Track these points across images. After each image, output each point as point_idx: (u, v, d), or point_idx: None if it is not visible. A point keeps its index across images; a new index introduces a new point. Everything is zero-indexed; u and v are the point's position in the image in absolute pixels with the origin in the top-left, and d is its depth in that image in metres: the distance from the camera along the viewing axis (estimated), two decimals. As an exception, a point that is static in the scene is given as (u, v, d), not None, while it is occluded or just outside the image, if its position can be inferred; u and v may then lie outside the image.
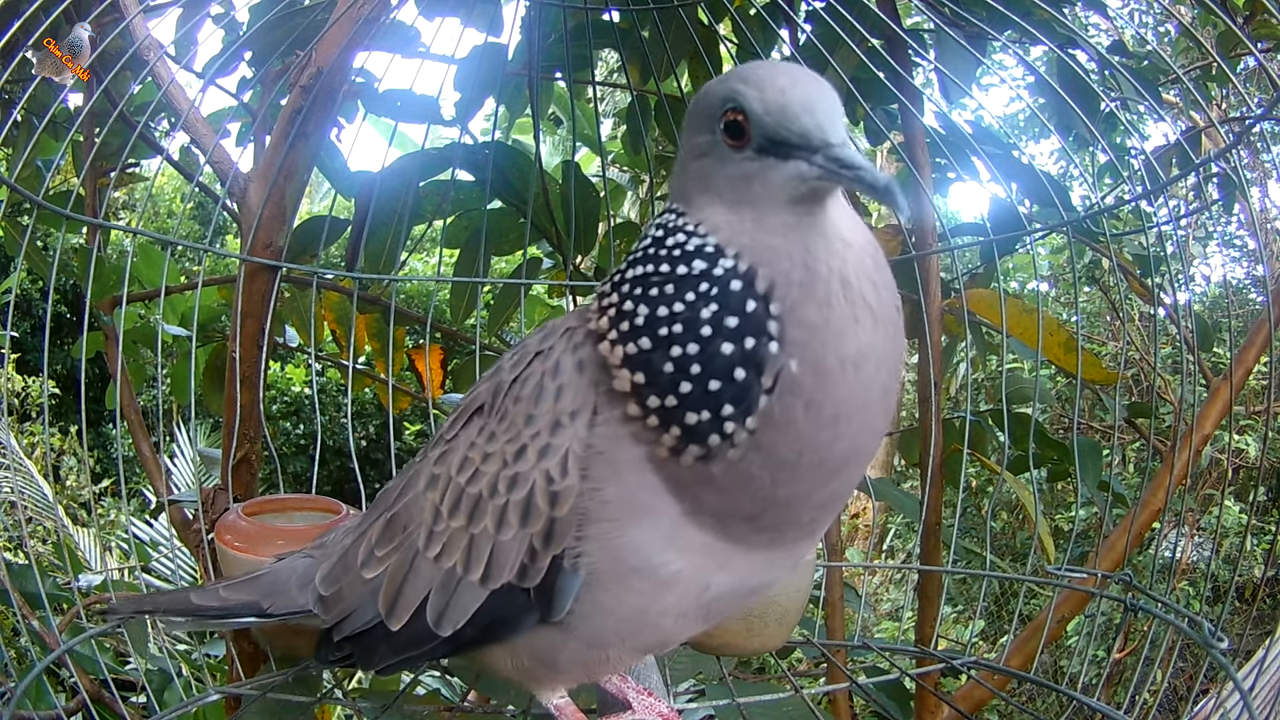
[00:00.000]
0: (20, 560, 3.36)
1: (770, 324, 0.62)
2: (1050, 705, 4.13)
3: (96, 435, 7.11)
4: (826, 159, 0.62)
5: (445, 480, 0.82)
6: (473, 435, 0.82)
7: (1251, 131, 1.39)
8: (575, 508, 0.74)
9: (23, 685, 1.04)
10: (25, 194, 1.15)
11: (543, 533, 0.75)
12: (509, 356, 0.84)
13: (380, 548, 0.85)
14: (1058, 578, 1.37)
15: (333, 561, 0.91)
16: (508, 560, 0.77)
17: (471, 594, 0.79)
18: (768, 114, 0.64)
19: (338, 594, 0.87)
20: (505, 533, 0.77)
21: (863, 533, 6.08)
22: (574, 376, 0.75)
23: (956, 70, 1.59)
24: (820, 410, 0.63)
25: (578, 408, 0.74)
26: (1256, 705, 1.14)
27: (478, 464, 0.80)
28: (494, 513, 0.78)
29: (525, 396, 0.78)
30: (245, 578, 0.97)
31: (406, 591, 0.82)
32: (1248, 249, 6.42)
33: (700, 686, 1.99)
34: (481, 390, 0.84)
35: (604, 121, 3.63)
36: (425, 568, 0.81)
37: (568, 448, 0.74)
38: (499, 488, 0.78)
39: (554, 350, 0.77)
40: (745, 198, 0.66)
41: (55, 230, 1.94)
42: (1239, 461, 5.12)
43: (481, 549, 0.78)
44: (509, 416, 0.79)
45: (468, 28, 2.06)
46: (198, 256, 3.72)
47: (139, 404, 2.20)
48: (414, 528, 0.83)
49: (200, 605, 0.94)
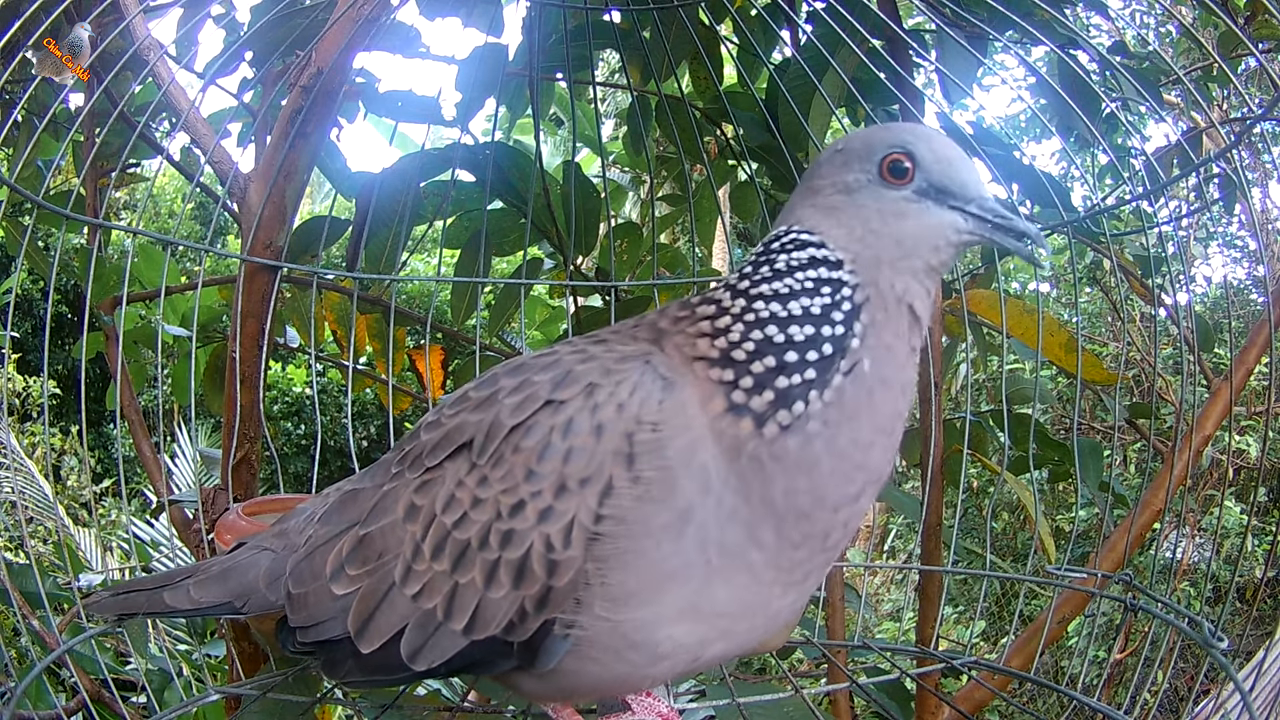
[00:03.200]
0: (20, 560, 3.37)
1: (857, 325, 0.73)
2: (1051, 705, 4.12)
3: (97, 435, 7.11)
4: (981, 208, 0.74)
5: (428, 515, 0.78)
6: (461, 473, 0.77)
7: (1252, 132, 1.39)
8: (576, 580, 0.71)
9: (23, 685, 1.04)
10: (26, 194, 1.15)
11: (537, 598, 0.73)
12: (509, 389, 0.78)
13: (352, 566, 0.81)
14: (1058, 578, 1.37)
15: (299, 558, 0.86)
16: (495, 617, 0.75)
17: (452, 640, 0.77)
18: (936, 162, 0.74)
19: (304, 598, 0.84)
20: (495, 590, 0.74)
21: (863, 533, 6.08)
22: (589, 441, 0.71)
23: (957, 71, 1.59)
24: (875, 414, 0.72)
25: (589, 475, 0.71)
26: (1256, 706, 1.14)
27: (466, 508, 0.76)
28: (483, 566, 0.75)
29: (527, 449, 0.74)
30: (211, 574, 0.92)
31: (379, 620, 0.79)
32: (1248, 249, 6.42)
33: (700, 686, 1.98)
34: (471, 422, 0.79)
35: (605, 122, 3.64)
36: (401, 603, 0.78)
37: (573, 516, 0.71)
38: (490, 541, 0.74)
39: (567, 406, 0.74)
40: (892, 232, 0.74)
41: (56, 230, 1.94)
42: (1240, 462, 5.12)
43: (467, 600, 0.75)
44: (505, 464, 0.75)
45: (468, 28, 2.06)
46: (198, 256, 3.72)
47: (139, 404, 2.20)
48: (390, 558, 0.79)
49: (173, 606, 0.91)
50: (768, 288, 0.75)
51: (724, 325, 0.74)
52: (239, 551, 0.94)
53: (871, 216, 0.75)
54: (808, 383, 0.71)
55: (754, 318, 0.74)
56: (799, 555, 0.74)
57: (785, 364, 0.71)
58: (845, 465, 0.72)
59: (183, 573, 0.95)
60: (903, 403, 0.75)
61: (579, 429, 0.72)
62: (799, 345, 0.72)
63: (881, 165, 0.75)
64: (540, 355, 0.81)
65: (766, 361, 0.72)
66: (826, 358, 0.72)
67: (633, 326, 0.82)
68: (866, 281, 0.74)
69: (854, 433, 0.72)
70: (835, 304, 0.73)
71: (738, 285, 0.77)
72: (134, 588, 0.98)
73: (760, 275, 0.77)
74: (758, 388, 0.71)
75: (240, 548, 0.95)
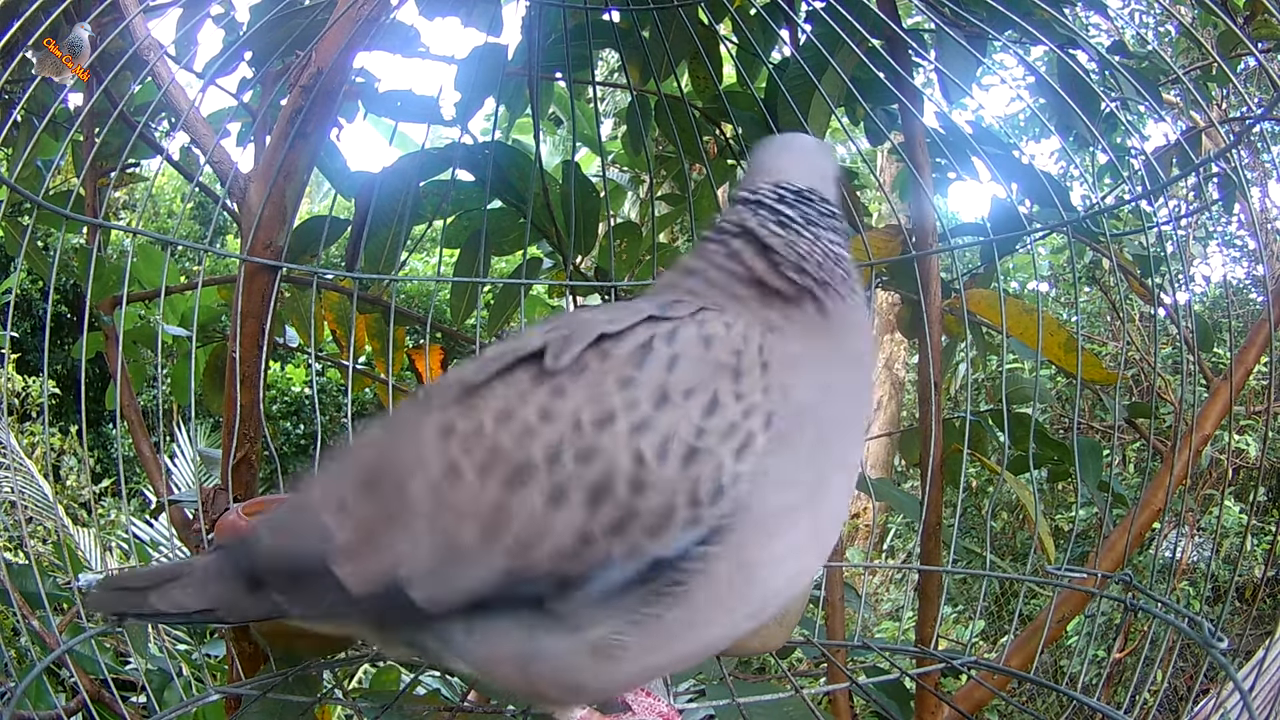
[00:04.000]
0: (20, 560, 3.37)
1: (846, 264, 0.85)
2: (1050, 705, 4.13)
3: (96, 435, 7.11)
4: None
5: (472, 431, 0.69)
6: (523, 384, 0.69)
7: (1251, 131, 1.39)
8: (666, 505, 0.65)
9: (23, 685, 1.04)
10: (25, 194, 1.15)
11: (611, 523, 0.65)
12: (589, 315, 0.73)
13: (351, 491, 0.73)
14: (1058, 578, 1.37)
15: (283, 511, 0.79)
16: (549, 544, 0.66)
17: (487, 566, 0.67)
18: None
19: (279, 534, 0.76)
20: (560, 511, 0.65)
21: (863, 533, 6.08)
22: (698, 349, 0.68)
23: (957, 70, 1.59)
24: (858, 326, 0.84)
25: (693, 386, 0.67)
26: (1256, 705, 1.14)
27: (531, 420, 0.67)
28: (548, 486, 0.66)
29: (621, 356, 0.68)
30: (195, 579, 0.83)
31: (381, 546, 0.69)
32: (1248, 249, 6.42)
33: (700, 686, 1.99)
34: (534, 336, 0.71)
35: (604, 121, 3.64)
36: (421, 525, 0.69)
37: (674, 431, 0.65)
38: (563, 456, 0.66)
39: (672, 320, 0.71)
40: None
41: (55, 230, 1.94)
42: (1239, 462, 5.12)
43: (515, 522, 0.66)
44: (590, 373, 0.68)
45: (468, 28, 2.07)
46: (198, 256, 3.72)
47: (139, 404, 2.20)
48: (409, 479, 0.70)
49: (160, 610, 0.84)
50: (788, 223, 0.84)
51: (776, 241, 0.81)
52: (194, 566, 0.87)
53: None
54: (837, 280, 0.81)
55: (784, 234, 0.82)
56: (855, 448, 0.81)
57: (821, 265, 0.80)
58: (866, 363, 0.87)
59: (171, 571, 0.87)
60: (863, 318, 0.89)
61: (687, 337, 0.69)
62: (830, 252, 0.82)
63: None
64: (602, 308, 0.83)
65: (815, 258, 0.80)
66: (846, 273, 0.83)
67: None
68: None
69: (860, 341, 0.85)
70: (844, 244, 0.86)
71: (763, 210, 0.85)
72: (125, 584, 0.92)
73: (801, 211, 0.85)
74: (808, 276, 0.79)
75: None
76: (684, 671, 1.64)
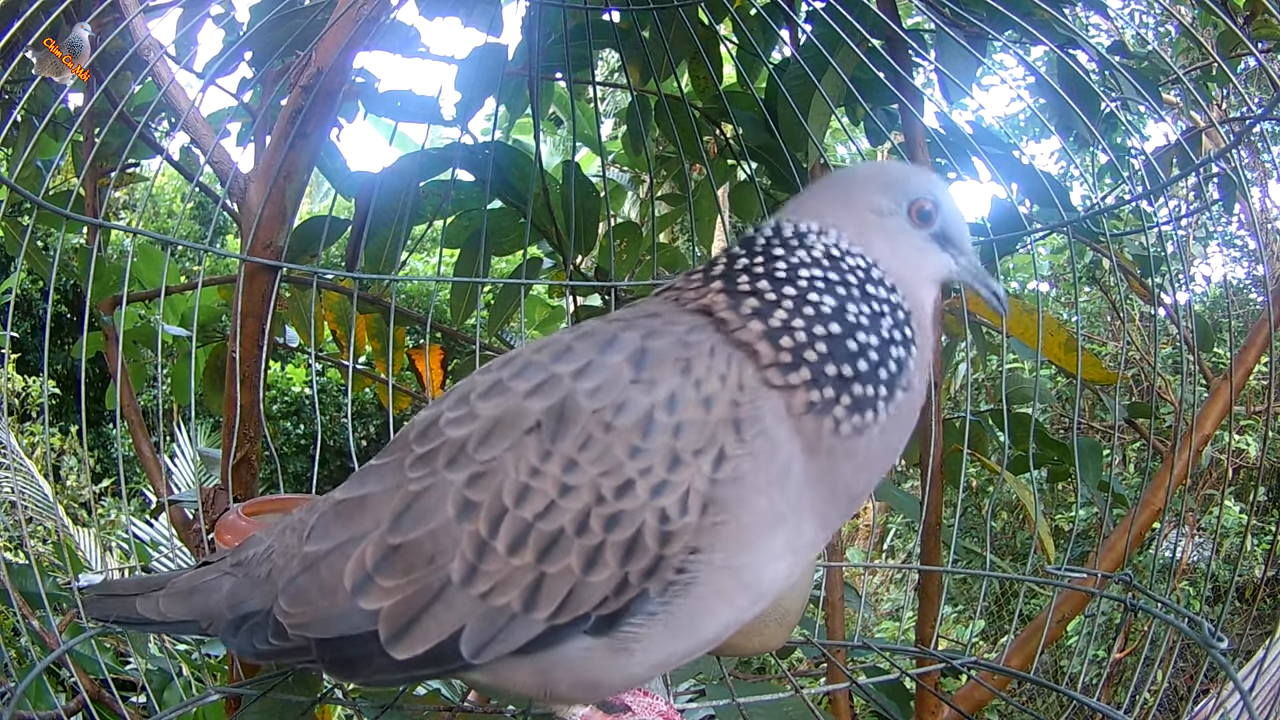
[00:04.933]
0: (20, 560, 3.37)
1: (914, 349, 0.85)
2: (1050, 705, 4.13)
3: (96, 435, 7.11)
4: (969, 262, 0.92)
5: (495, 510, 0.75)
6: (532, 460, 0.75)
7: (1251, 131, 1.39)
8: (688, 544, 0.74)
9: (23, 685, 1.04)
10: (25, 194, 1.15)
11: (643, 570, 0.74)
12: (572, 375, 0.77)
13: (386, 576, 0.77)
14: (1058, 578, 1.37)
15: (293, 574, 0.82)
16: (590, 598, 0.74)
17: (528, 628, 0.75)
18: (951, 216, 0.90)
19: (308, 614, 0.80)
20: (597, 573, 0.74)
21: (863, 533, 6.08)
22: (699, 413, 0.74)
23: (957, 70, 1.59)
24: (910, 417, 0.84)
25: (702, 446, 0.74)
26: (1256, 705, 1.14)
27: (553, 496, 0.74)
28: (582, 552, 0.74)
29: (624, 428, 0.74)
30: (179, 589, 0.89)
31: (427, 624, 0.76)
32: (1248, 249, 6.42)
33: (700, 686, 1.99)
34: (531, 407, 0.77)
35: (604, 121, 3.64)
36: (462, 603, 0.76)
37: (689, 485, 0.73)
38: (590, 525, 0.74)
39: (663, 384, 0.75)
40: (914, 262, 0.89)
41: (55, 230, 1.94)
42: (1239, 461, 5.12)
43: (556, 589, 0.74)
44: (596, 446, 0.74)
45: (468, 28, 2.07)
46: (198, 256, 3.72)
47: (139, 404, 2.20)
48: (443, 560, 0.76)
49: (145, 617, 0.89)
50: (818, 279, 0.82)
51: (784, 321, 0.80)
52: (205, 570, 0.91)
53: (902, 245, 0.88)
54: (879, 396, 0.80)
55: (814, 312, 0.80)
56: (840, 517, 0.86)
57: (860, 373, 0.80)
58: (889, 458, 0.85)
59: (157, 581, 0.92)
60: (922, 400, 0.87)
61: (685, 400, 0.75)
62: (871, 359, 0.80)
63: (911, 207, 0.88)
64: (574, 338, 0.80)
65: (844, 369, 0.79)
66: (894, 375, 0.82)
67: (661, 307, 0.83)
68: (912, 308, 0.86)
69: (900, 434, 0.84)
70: (899, 325, 0.83)
71: (771, 271, 0.82)
72: (115, 590, 0.95)
73: (800, 259, 0.83)
74: (837, 392, 0.79)
75: (205, 566, 0.92)
76: (684, 671, 1.64)
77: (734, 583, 0.77)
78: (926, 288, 0.89)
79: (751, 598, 0.79)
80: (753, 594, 0.79)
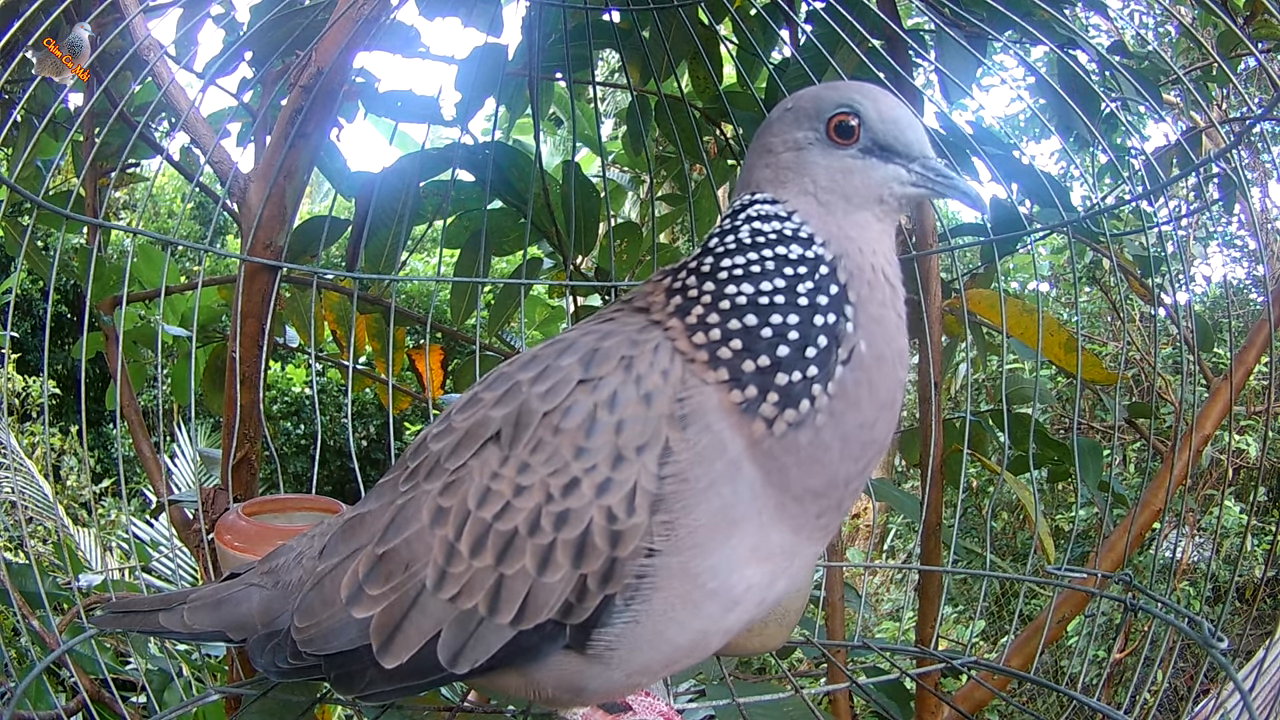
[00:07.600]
0: (20, 560, 3.36)
1: (847, 308, 0.74)
2: (1050, 705, 4.13)
3: (96, 435, 7.11)
4: (924, 167, 0.77)
5: (460, 515, 0.77)
6: (492, 465, 0.76)
7: (1252, 131, 1.39)
8: (640, 546, 0.72)
9: (23, 685, 1.04)
10: (25, 194, 1.15)
11: (600, 573, 0.73)
12: (529, 380, 0.77)
13: (373, 584, 0.79)
14: (1058, 578, 1.37)
15: (306, 591, 0.84)
16: (548, 601, 0.74)
17: (497, 634, 0.75)
18: (882, 122, 0.77)
19: (314, 628, 0.82)
20: (550, 574, 0.73)
21: (863, 533, 6.08)
22: (639, 409, 0.72)
23: (957, 70, 1.59)
24: (876, 392, 0.74)
25: (645, 442, 0.72)
26: (1256, 705, 1.14)
27: (508, 498, 0.75)
28: (535, 552, 0.74)
29: (570, 429, 0.74)
30: (205, 601, 0.91)
31: (408, 630, 0.77)
32: (1248, 249, 6.42)
33: (700, 686, 1.99)
34: (495, 417, 0.78)
35: (604, 122, 3.64)
36: (435, 608, 0.77)
37: (635, 482, 0.72)
38: (541, 525, 0.73)
39: (606, 382, 0.74)
40: (840, 189, 0.77)
41: (55, 230, 1.94)
42: (1239, 462, 5.12)
43: (515, 590, 0.74)
44: (546, 448, 0.74)
45: (468, 28, 2.06)
46: (198, 256, 3.72)
47: (139, 404, 2.20)
48: (418, 567, 0.78)
49: (168, 629, 0.91)
50: (736, 266, 0.76)
51: (700, 316, 0.75)
52: (231, 582, 0.93)
53: (820, 174, 0.77)
54: (810, 379, 0.72)
55: (729, 305, 0.74)
56: (821, 521, 0.77)
57: (780, 360, 0.72)
58: (853, 447, 0.75)
59: (179, 596, 0.94)
60: (901, 371, 0.76)
61: (626, 398, 0.73)
62: (792, 340, 0.72)
63: (829, 124, 0.77)
64: (545, 346, 0.81)
65: (760, 361, 0.72)
66: (824, 350, 0.73)
67: (619, 309, 0.82)
68: (839, 254, 0.76)
69: (858, 416, 0.74)
70: (820, 288, 0.74)
71: (700, 266, 0.78)
72: (133, 607, 0.98)
73: (726, 247, 0.78)
74: (760, 389, 0.72)
75: (232, 578, 0.94)
76: (684, 671, 1.64)
77: (696, 589, 0.74)
78: (865, 216, 0.77)
79: (721, 605, 0.76)
80: (722, 602, 0.75)
